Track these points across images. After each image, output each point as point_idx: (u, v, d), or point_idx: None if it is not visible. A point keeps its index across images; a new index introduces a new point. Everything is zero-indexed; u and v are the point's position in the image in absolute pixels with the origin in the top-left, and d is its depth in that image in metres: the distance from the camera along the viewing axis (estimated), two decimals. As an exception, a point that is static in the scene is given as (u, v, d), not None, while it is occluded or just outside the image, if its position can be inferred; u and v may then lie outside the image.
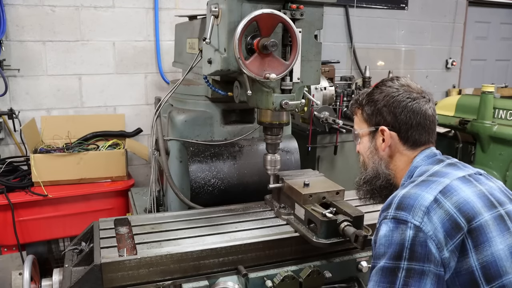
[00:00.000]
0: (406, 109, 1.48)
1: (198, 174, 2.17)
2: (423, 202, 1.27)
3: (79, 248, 1.83)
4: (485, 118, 4.04)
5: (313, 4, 1.87)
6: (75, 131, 3.36)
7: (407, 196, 1.30)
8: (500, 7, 6.03)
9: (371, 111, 1.56)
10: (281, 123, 1.96)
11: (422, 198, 1.28)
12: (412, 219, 1.25)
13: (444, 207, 1.26)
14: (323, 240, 1.71)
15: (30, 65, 3.45)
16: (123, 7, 3.66)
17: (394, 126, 1.51)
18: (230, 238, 1.79)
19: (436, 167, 1.44)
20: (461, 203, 1.28)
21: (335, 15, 4.78)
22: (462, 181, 1.35)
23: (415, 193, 1.30)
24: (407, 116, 1.48)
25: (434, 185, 1.32)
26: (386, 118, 1.51)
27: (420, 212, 1.25)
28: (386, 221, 1.30)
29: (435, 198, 1.28)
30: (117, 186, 3.21)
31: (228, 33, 1.76)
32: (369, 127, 1.58)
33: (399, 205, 1.29)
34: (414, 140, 1.51)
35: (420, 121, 1.49)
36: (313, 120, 3.51)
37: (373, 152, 1.58)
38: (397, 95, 1.50)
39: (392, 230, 1.27)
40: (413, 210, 1.26)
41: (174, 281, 1.67)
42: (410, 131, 1.50)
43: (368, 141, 1.60)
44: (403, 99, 1.49)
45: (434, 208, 1.26)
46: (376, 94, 1.55)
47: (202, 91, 2.36)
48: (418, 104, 1.49)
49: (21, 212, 2.94)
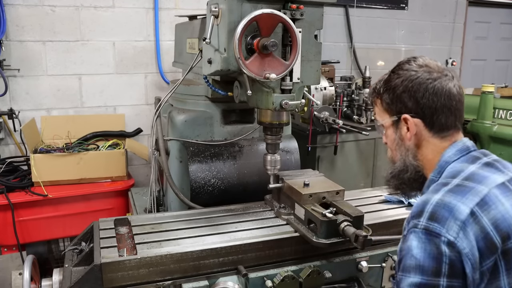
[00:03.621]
0: (427, 91, 1.34)
1: (198, 174, 2.17)
2: (459, 216, 1.15)
3: (79, 248, 1.83)
4: (485, 118, 4.05)
5: (313, 4, 1.87)
6: (75, 131, 3.36)
7: (441, 206, 1.18)
8: (500, 7, 6.03)
9: (390, 99, 1.42)
10: (281, 123, 1.96)
11: (458, 210, 1.16)
12: (446, 233, 1.13)
13: (481, 223, 1.15)
14: (323, 240, 1.70)
15: (30, 65, 3.45)
16: (123, 7, 3.66)
17: (417, 112, 1.37)
18: (230, 238, 1.79)
19: (471, 168, 1.29)
20: (499, 219, 1.16)
21: (335, 15, 4.78)
22: (502, 190, 1.22)
23: (450, 202, 1.18)
24: (430, 99, 1.34)
25: (471, 195, 1.19)
26: (407, 104, 1.38)
27: (456, 226, 1.14)
28: (417, 232, 1.17)
29: (472, 211, 1.16)
30: (117, 186, 3.21)
31: (228, 33, 1.76)
32: (391, 117, 1.44)
33: (432, 215, 1.17)
34: (440, 125, 1.37)
35: (445, 102, 1.34)
36: (313, 120, 3.51)
37: (399, 143, 1.45)
38: (415, 78, 1.36)
39: (424, 243, 1.15)
40: (447, 223, 1.14)
41: (174, 281, 1.67)
42: (435, 115, 1.35)
43: (392, 132, 1.46)
44: (423, 81, 1.35)
45: (471, 223, 1.14)
46: (393, 80, 1.42)
47: (202, 91, 2.36)
48: (440, 84, 1.34)
49: (21, 212, 2.94)
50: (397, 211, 2.13)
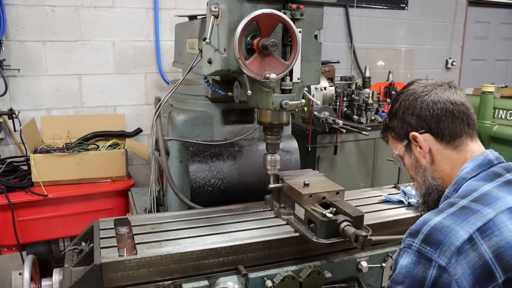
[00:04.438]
0: (424, 102, 1.34)
1: (198, 174, 2.17)
2: (454, 241, 1.10)
3: (79, 248, 1.83)
4: (485, 118, 4.05)
5: (313, 4, 1.87)
6: (75, 131, 3.36)
7: (438, 229, 1.13)
8: (500, 7, 6.03)
9: (395, 125, 1.42)
10: (281, 123, 1.96)
11: (455, 235, 1.10)
12: (437, 258, 1.10)
13: (479, 250, 1.08)
14: (323, 240, 1.70)
15: (30, 65, 3.45)
16: (123, 7, 3.66)
17: (423, 126, 1.35)
18: (230, 238, 1.79)
19: (487, 187, 1.22)
20: (502, 246, 1.08)
21: (335, 15, 4.78)
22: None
23: (448, 226, 1.13)
24: (429, 109, 1.33)
25: (473, 219, 1.12)
26: (411, 123, 1.37)
27: (449, 252, 1.09)
28: (410, 252, 1.16)
29: (470, 237, 1.09)
30: (117, 186, 3.21)
31: (228, 33, 1.76)
32: (402, 143, 1.43)
33: (427, 238, 1.14)
34: (450, 133, 1.32)
35: (446, 107, 1.32)
36: (313, 120, 3.51)
37: (417, 166, 1.42)
38: (410, 95, 1.37)
39: (414, 264, 1.14)
40: (441, 248, 1.10)
41: (174, 281, 1.67)
42: (439, 122, 1.32)
43: (408, 158, 1.44)
44: (418, 95, 1.35)
45: (466, 250, 1.09)
46: (394, 107, 1.43)
47: (202, 91, 2.36)
48: (436, 93, 1.34)
49: (21, 212, 2.94)
50: (397, 211, 2.13)
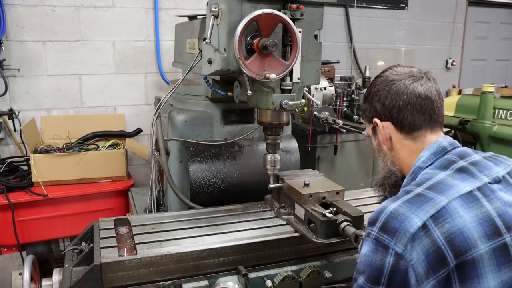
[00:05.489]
0: (390, 92, 1.38)
1: (198, 174, 2.17)
2: (409, 228, 1.13)
3: (79, 248, 1.83)
4: (485, 118, 4.05)
5: (313, 4, 1.87)
6: (75, 131, 3.36)
7: (394, 217, 1.17)
8: (500, 7, 6.03)
9: (365, 107, 1.49)
10: (281, 123, 1.96)
11: (409, 222, 1.14)
12: (394, 245, 1.14)
13: (432, 236, 1.12)
14: (323, 240, 1.70)
15: (30, 65, 3.45)
16: (123, 7, 3.66)
17: (385, 114, 1.40)
18: (230, 238, 1.79)
19: (441, 175, 1.26)
20: (453, 232, 1.12)
21: (335, 15, 4.78)
22: (464, 201, 1.18)
23: (403, 214, 1.16)
24: (393, 99, 1.37)
25: (427, 206, 1.16)
26: (376, 108, 1.42)
27: (404, 239, 1.13)
28: (368, 240, 1.20)
29: (424, 224, 1.13)
30: (117, 186, 3.21)
31: (228, 33, 1.76)
32: (369, 125, 1.50)
33: (384, 226, 1.17)
34: (408, 124, 1.37)
35: (409, 100, 1.35)
36: (313, 120, 3.51)
37: (379, 150, 1.50)
38: (380, 82, 1.42)
39: (372, 252, 1.18)
40: (396, 235, 1.14)
41: (174, 281, 1.67)
42: (400, 114, 1.37)
43: (373, 139, 1.51)
44: (387, 83, 1.39)
45: (420, 236, 1.12)
46: (368, 90, 1.49)
47: (202, 91, 2.36)
48: (403, 84, 1.37)
49: (21, 212, 2.94)
50: (397, 211, 2.13)
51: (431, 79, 1.40)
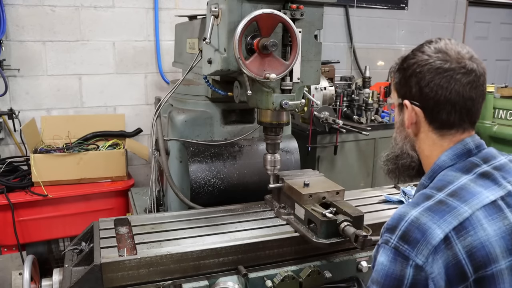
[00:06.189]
0: (433, 81, 1.21)
1: (198, 174, 2.17)
2: (431, 240, 1.08)
3: (79, 248, 1.83)
4: (485, 118, 4.05)
5: (313, 4, 1.87)
6: (75, 131, 3.36)
7: (416, 226, 1.11)
8: (500, 7, 6.03)
9: (399, 79, 1.34)
10: (281, 123, 1.96)
11: (431, 234, 1.09)
12: (415, 257, 1.09)
13: (453, 250, 1.08)
14: (323, 240, 1.70)
15: (30, 65, 3.45)
16: (123, 7, 3.66)
17: (419, 100, 1.26)
18: (230, 238, 1.79)
19: (463, 179, 1.20)
20: (475, 247, 1.09)
21: (335, 15, 4.78)
22: (488, 212, 1.13)
23: (425, 224, 1.11)
24: (433, 91, 1.21)
25: (450, 217, 1.11)
26: (411, 90, 1.27)
27: (426, 251, 1.08)
28: (387, 248, 1.14)
29: (446, 236, 1.09)
30: (117, 186, 3.21)
31: (228, 33, 1.76)
32: (398, 98, 1.36)
33: (404, 235, 1.11)
34: (441, 121, 1.25)
35: (451, 97, 1.20)
36: (313, 120, 3.51)
37: (400, 128, 1.39)
38: (425, 64, 1.23)
39: (390, 261, 1.12)
40: (418, 247, 1.09)
41: (174, 281, 1.67)
42: (436, 109, 1.24)
43: (397, 113, 1.39)
44: (433, 69, 1.22)
45: (442, 249, 1.08)
46: (408, 60, 1.31)
47: (202, 91, 2.36)
48: (451, 77, 1.20)
49: (21, 212, 2.94)
50: (397, 211, 2.13)
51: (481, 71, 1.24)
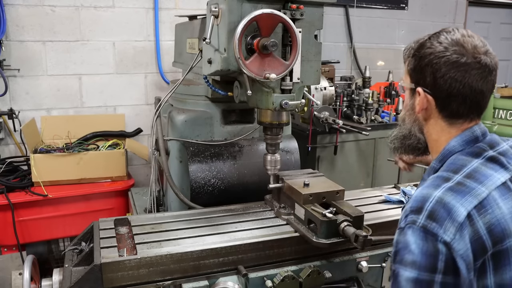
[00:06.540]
0: (449, 73, 1.28)
1: (198, 174, 2.17)
2: (457, 218, 1.16)
3: (79, 248, 1.83)
4: (485, 118, 4.05)
5: (313, 4, 1.88)
6: (75, 131, 3.36)
7: (441, 205, 1.19)
8: (500, 7, 6.03)
9: (413, 65, 1.39)
10: (281, 123, 1.96)
11: (456, 212, 1.17)
12: (443, 234, 1.15)
13: (475, 226, 1.17)
14: (323, 240, 1.70)
15: (30, 65, 3.45)
16: (123, 7, 3.66)
17: (432, 89, 1.33)
18: (230, 238, 1.79)
19: (474, 163, 1.29)
20: (493, 224, 1.19)
21: (335, 15, 4.78)
22: (501, 192, 1.24)
23: (450, 203, 1.19)
24: (447, 83, 1.29)
25: (470, 197, 1.20)
26: (426, 78, 1.33)
27: (453, 228, 1.15)
28: (415, 229, 1.19)
29: (469, 214, 1.18)
30: (117, 186, 3.21)
31: (228, 33, 1.76)
32: (410, 83, 1.42)
33: (431, 214, 1.18)
34: (451, 111, 1.33)
35: (463, 91, 1.28)
36: (313, 120, 3.51)
37: (410, 111, 1.45)
38: (443, 56, 1.29)
39: (422, 240, 1.17)
40: (445, 224, 1.16)
41: (174, 281, 1.67)
42: (448, 99, 1.31)
43: (408, 96, 1.45)
44: (449, 63, 1.29)
45: (467, 226, 1.16)
46: (425, 48, 1.35)
47: (202, 91, 2.36)
48: (465, 72, 1.28)
49: (21, 212, 2.94)
50: (397, 211, 2.13)
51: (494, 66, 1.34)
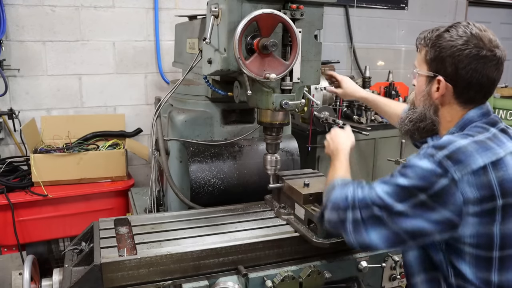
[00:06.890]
0: (470, 65, 1.41)
1: (198, 174, 2.17)
2: (472, 165, 1.31)
3: (79, 248, 1.83)
4: (485, 118, 4.03)
5: (313, 4, 1.88)
6: (75, 131, 3.36)
7: (463, 151, 1.33)
8: (500, 7, 6.03)
9: (434, 55, 1.48)
10: (281, 123, 1.96)
11: (474, 160, 1.32)
12: (454, 172, 1.30)
13: (488, 177, 1.32)
14: (323, 240, 1.71)
15: (30, 65, 3.45)
16: (123, 7, 3.66)
17: (452, 78, 1.45)
18: (230, 238, 1.79)
19: (493, 130, 1.44)
20: (505, 179, 1.33)
21: (335, 15, 4.78)
22: None
23: (470, 151, 1.33)
24: (469, 74, 1.42)
25: (490, 153, 1.35)
26: (447, 69, 1.45)
27: (465, 170, 1.30)
28: (432, 159, 1.33)
29: (484, 166, 1.32)
30: (117, 186, 3.21)
31: (228, 33, 1.76)
32: (428, 71, 1.52)
33: (451, 155, 1.32)
34: (467, 98, 1.47)
35: (481, 81, 1.43)
36: (313, 120, 3.51)
37: (425, 97, 1.55)
38: (464, 49, 1.41)
39: (430, 171, 1.31)
40: (459, 165, 1.30)
41: (174, 281, 1.67)
42: (466, 88, 1.45)
43: (424, 83, 1.55)
44: (471, 55, 1.41)
45: (480, 174, 1.31)
46: (445, 40, 1.45)
47: (202, 91, 2.36)
48: (484, 65, 1.42)
49: (21, 212, 2.94)
50: (397, 211, 2.13)
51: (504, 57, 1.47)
